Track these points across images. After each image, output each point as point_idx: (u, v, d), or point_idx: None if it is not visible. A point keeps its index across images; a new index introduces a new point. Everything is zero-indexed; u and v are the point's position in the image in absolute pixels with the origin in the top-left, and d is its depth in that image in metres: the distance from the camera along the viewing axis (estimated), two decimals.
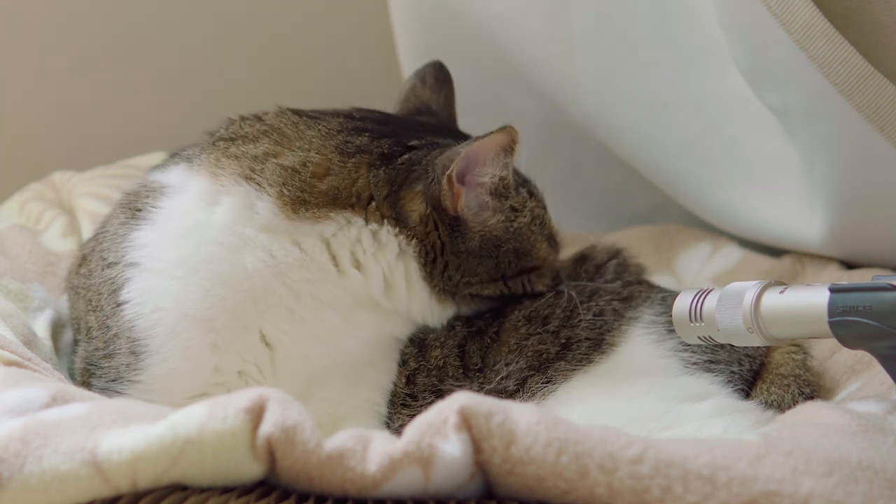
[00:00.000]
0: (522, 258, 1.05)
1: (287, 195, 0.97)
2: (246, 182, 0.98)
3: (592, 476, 0.69)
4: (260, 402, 0.73)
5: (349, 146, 1.01)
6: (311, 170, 0.99)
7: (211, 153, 1.01)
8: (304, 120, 1.03)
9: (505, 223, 1.03)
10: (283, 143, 1.01)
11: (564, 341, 1.00)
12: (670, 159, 1.35)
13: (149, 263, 0.96)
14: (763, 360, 1.02)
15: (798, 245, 1.28)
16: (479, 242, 1.02)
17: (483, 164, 1.00)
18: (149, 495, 0.73)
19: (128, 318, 0.95)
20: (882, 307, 0.79)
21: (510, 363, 1.00)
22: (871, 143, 1.10)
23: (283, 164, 0.99)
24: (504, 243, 1.03)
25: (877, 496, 0.70)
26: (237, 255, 0.96)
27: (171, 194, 0.99)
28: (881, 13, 1.12)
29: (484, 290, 1.04)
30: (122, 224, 0.99)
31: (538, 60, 1.37)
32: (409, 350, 1.02)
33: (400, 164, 1.01)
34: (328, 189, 0.99)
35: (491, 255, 1.03)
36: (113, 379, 0.96)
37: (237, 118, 1.05)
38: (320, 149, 1.00)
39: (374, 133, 1.03)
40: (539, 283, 1.06)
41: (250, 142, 1.01)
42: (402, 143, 1.03)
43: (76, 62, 1.67)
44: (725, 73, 1.22)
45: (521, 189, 1.05)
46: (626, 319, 1.02)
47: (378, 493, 0.71)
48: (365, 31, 1.69)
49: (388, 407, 1.00)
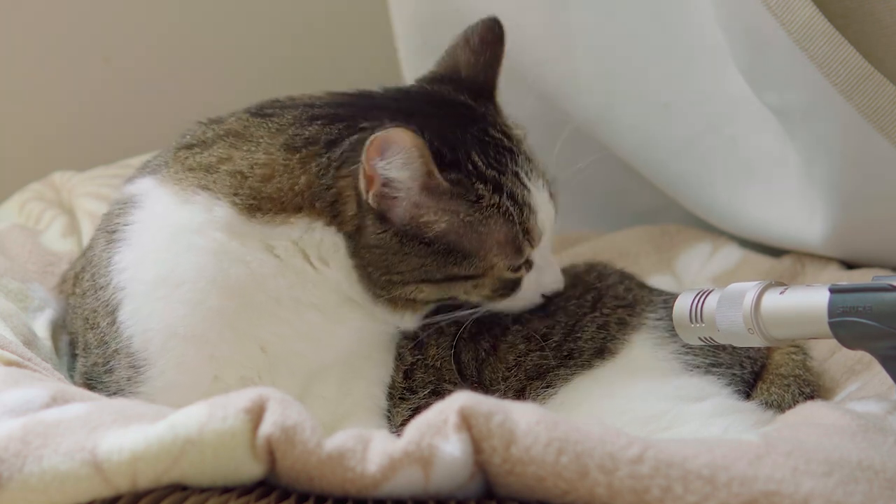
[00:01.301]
0: (458, 263, 0.97)
1: (240, 203, 0.96)
2: (203, 191, 0.97)
3: (592, 476, 0.69)
4: (260, 402, 0.73)
5: (297, 139, 0.97)
6: (258, 174, 0.97)
7: (172, 165, 1.00)
8: (256, 120, 1.00)
9: (437, 222, 0.96)
10: (235, 147, 0.99)
11: (567, 354, 1.00)
12: (670, 159, 1.35)
13: (132, 287, 0.96)
14: (764, 362, 1.02)
15: (798, 245, 1.28)
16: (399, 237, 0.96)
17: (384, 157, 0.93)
18: (149, 495, 0.73)
19: (125, 336, 0.95)
20: (882, 308, 0.79)
21: (508, 377, 1.00)
22: (871, 143, 1.10)
23: (231, 170, 0.97)
24: (434, 242, 0.96)
25: (877, 496, 0.70)
26: (218, 261, 0.95)
27: (140, 206, 0.99)
28: (881, 13, 1.11)
29: (416, 294, 0.98)
30: (103, 249, 0.99)
31: (538, 61, 1.36)
32: (405, 343, 1.02)
33: (346, 146, 0.96)
34: (273, 192, 0.96)
35: (415, 252, 0.96)
36: (115, 392, 0.96)
37: (197, 124, 1.04)
38: (267, 148, 0.98)
39: (326, 119, 0.98)
40: (476, 293, 1.00)
41: (207, 148, 1.00)
42: (356, 125, 0.97)
43: (76, 62, 1.67)
44: (725, 73, 1.22)
45: (475, 183, 0.97)
46: (630, 328, 1.01)
47: (378, 493, 0.71)
48: (365, 31, 1.69)
49: (388, 400, 1.00)
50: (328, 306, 0.99)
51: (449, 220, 0.96)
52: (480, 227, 0.97)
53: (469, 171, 0.97)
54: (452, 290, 0.99)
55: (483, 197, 0.97)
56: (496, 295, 1.01)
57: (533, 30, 1.35)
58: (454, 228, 0.96)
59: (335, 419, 0.97)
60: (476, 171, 0.97)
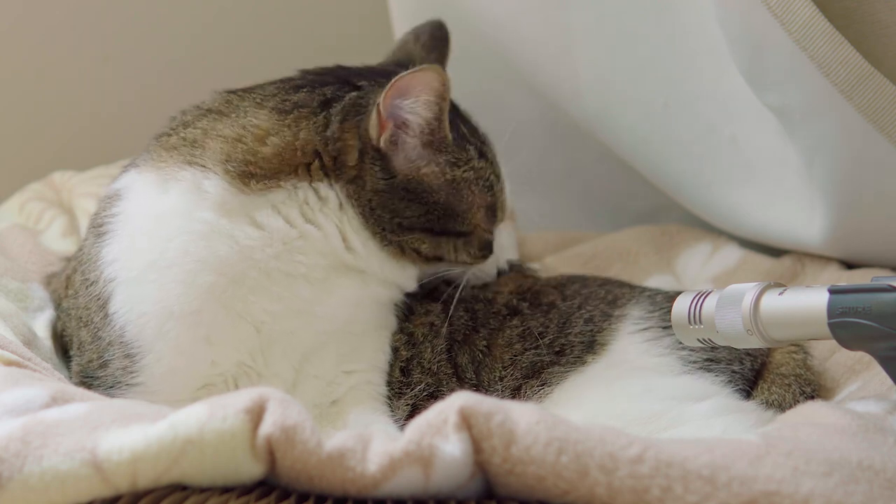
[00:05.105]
0: (453, 218, 1.03)
1: (233, 170, 0.98)
2: (189, 166, 0.98)
3: (592, 476, 0.69)
4: (260, 401, 0.73)
5: (286, 104, 1.02)
6: (252, 134, 0.99)
7: (153, 151, 1.02)
8: (237, 94, 1.04)
9: (438, 174, 1.02)
10: (220, 119, 1.01)
11: (559, 349, 1.01)
12: (670, 159, 1.35)
13: (123, 275, 0.97)
14: (764, 360, 1.02)
15: (798, 245, 1.28)
16: (404, 183, 1.01)
17: (406, 98, 0.99)
18: (149, 495, 0.73)
19: (118, 326, 0.96)
20: (881, 308, 0.79)
21: (505, 377, 1.00)
22: (871, 143, 1.10)
23: (222, 135, 0.99)
24: (433, 193, 1.02)
25: (877, 496, 0.70)
26: (205, 241, 0.96)
27: (124, 196, 1.00)
28: (881, 13, 1.12)
29: (419, 244, 1.03)
30: (92, 245, 1.00)
31: (538, 61, 1.37)
32: (399, 338, 1.03)
33: (347, 101, 1.01)
34: (273, 151, 0.99)
35: (419, 200, 1.02)
36: (111, 385, 0.96)
37: (178, 112, 1.06)
38: (256, 114, 1.01)
39: (312, 85, 1.04)
40: (465, 251, 1.05)
41: (188, 127, 1.02)
42: (350, 83, 1.03)
43: (76, 62, 1.67)
44: (725, 73, 1.22)
45: (467, 146, 1.04)
46: (614, 318, 1.02)
47: (378, 493, 0.71)
48: (365, 31, 1.69)
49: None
50: (317, 275, 1.00)
51: (447, 174, 1.02)
52: (472, 186, 1.04)
53: (462, 134, 1.05)
54: (445, 246, 1.04)
55: (472, 159, 1.04)
56: (480, 254, 1.06)
57: (533, 30, 1.35)
58: (449, 183, 1.03)
59: (332, 403, 0.97)
60: (466, 137, 1.05)
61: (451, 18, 1.20)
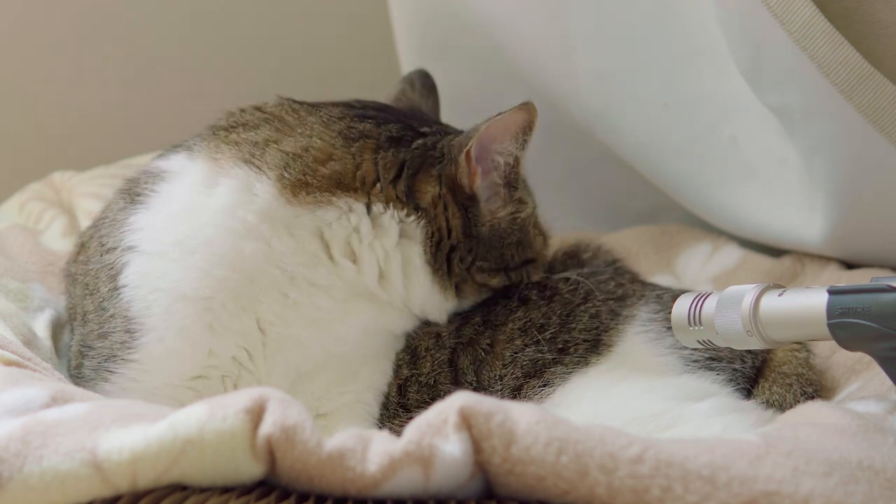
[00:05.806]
0: (525, 249, 1.06)
1: (287, 178, 0.98)
2: (245, 165, 0.99)
3: (592, 476, 0.69)
4: (260, 401, 0.73)
5: (353, 131, 1.02)
6: (314, 154, 1.00)
7: (210, 141, 1.02)
8: (304, 107, 1.05)
9: (513, 215, 1.05)
10: (284, 129, 1.02)
11: (561, 346, 1.00)
12: (670, 159, 1.35)
13: (146, 246, 0.97)
14: (765, 357, 1.02)
15: (798, 245, 1.28)
16: (488, 231, 1.04)
17: (500, 141, 1.02)
18: (149, 495, 0.73)
19: (125, 299, 0.96)
20: (881, 308, 0.79)
21: (505, 376, 0.99)
22: (871, 143, 1.10)
23: (284, 149, 1.00)
24: (509, 235, 1.05)
25: (877, 496, 0.70)
26: (237, 238, 0.96)
27: (171, 179, 1.00)
28: (881, 13, 1.12)
29: (491, 280, 1.05)
30: (120, 210, 1.00)
31: (538, 61, 1.37)
32: (403, 356, 1.02)
33: (414, 148, 1.02)
34: (331, 173, 0.99)
35: (497, 244, 1.04)
36: (106, 358, 0.96)
37: (237, 109, 1.06)
38: (322, 134, 1.01)
39: (377, 119, 1.04)
40: (535, 274, 1.08)
41: (251, 129, 1.02)
42: (413, 127, 1.04)
43: (76, 62, 1.67)
44: (725, 73, 1.22)
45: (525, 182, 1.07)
46: (622, 318, 1.02)
47: (378, 493, 0.71)
48: (365, 31, 1.69)
49: (380, 409, 1.00)
50: (339, 295, 1.00)
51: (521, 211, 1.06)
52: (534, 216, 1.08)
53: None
54: (516, 277, 1.07)
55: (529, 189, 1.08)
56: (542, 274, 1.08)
57: (533, 30, 1.35)
58: (524, 219, 1.06)
59: (316, 413, 0.97)
60: None
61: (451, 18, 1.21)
